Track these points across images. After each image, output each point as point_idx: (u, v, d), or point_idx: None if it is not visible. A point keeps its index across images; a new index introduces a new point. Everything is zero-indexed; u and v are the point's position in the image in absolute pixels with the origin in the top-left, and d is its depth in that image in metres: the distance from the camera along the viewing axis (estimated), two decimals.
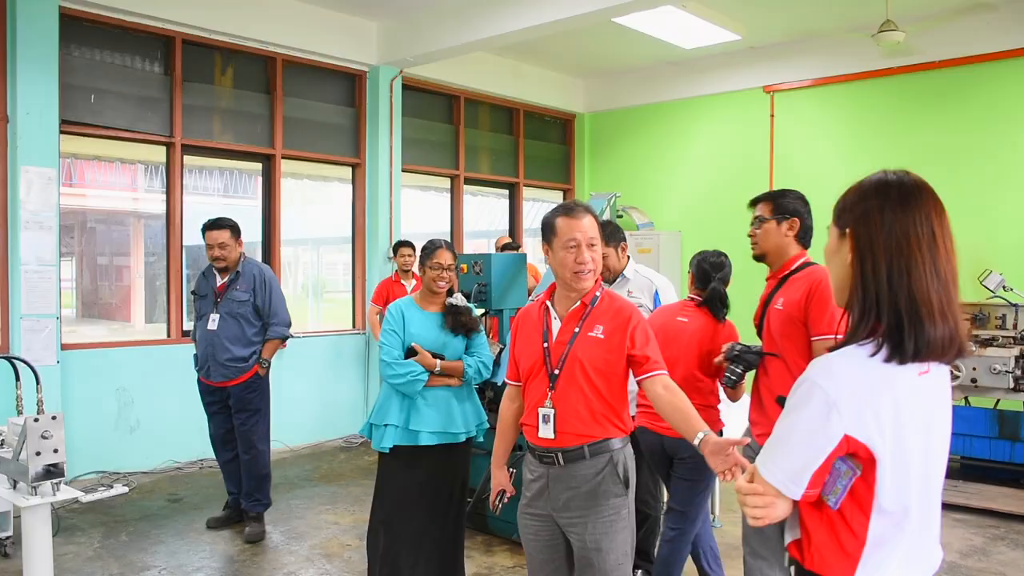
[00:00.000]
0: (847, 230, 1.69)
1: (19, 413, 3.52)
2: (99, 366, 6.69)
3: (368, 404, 8.42)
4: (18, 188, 6.08)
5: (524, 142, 10.55)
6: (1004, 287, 6.53)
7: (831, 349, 1.67)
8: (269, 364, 5.50)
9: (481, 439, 4.21)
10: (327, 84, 8.50)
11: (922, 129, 8.28)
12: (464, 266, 5.46)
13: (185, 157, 7.38)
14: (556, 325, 2.95)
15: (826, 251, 1.79)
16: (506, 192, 10.64)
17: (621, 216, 8.90)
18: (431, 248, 4.04)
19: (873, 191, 1.72)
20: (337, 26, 8.17)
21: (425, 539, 4.02)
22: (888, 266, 1.61)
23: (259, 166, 8.07)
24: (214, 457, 5.80)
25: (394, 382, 3.89)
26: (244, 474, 5.51)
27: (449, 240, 9.66)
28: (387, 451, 3.95)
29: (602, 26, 8.16)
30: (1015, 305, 6.46)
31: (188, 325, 7.39)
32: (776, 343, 3.26)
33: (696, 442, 2.63)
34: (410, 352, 3.94)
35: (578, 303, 2.91)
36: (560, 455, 2.85)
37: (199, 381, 5.54)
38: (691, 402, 2.81)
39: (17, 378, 3.48)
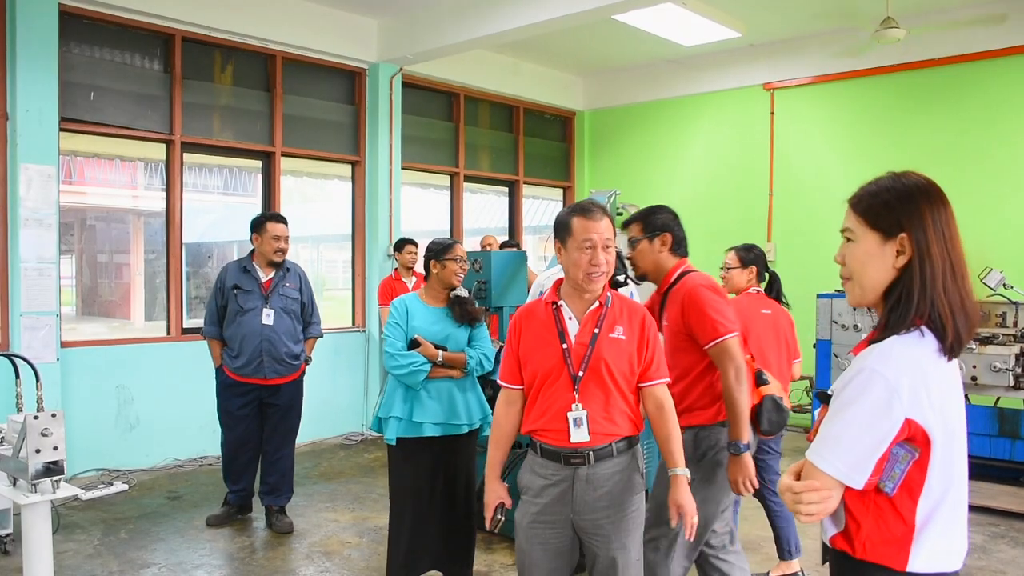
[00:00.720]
0: (900, 234, 1.71)
1: (19, 410, 3.52)
2: (99, 364, 6.69)
3: (368, 402, 8.42)
4: (18, 186, 6.07)
5: (524, 139, 10.55)
6: (1004, 285, 6.52)
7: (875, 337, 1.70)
8: (311, 361, 5.64)
9: (487, 432, 4.23)
10: (327, 81, 8.50)
11: (922, 127, 8.28)
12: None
13: (185, 155, 7.37)
14: (572, 326, 2.86)
15: (856, 255, 1.79)
16: (506, 190, 10.64)
17: (621, 214, 8.89)
18: (449, 244, 4.16)
19: (919, 194, 1.75)
20: (337, 24, 8.16)
21: (435, 530, 4.06)
22: (943, 269, 1.68)
23: (259, 164, 8.06)
24: (217, 455, 5.78)
25: (397, 373, 3.97)
26: (272, 472, 5.49)
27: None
28: (393, 443, 3.99)
29: (602, 23, 8.15)
30: (1015, 303, 6.46)
31: (188, 323, 7.38)
32: (673, 359, 3.29)
33: (669, 474, 2.83)
34: (413, 344, 4.00)
35: (596, 304, 2.87)
36: (591, 454, 2.79)
37: (229, 380, 5.38)
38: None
39: (17, 376, 3.47)
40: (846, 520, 1.73)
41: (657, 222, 3.47)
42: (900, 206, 1.73)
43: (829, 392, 1.78)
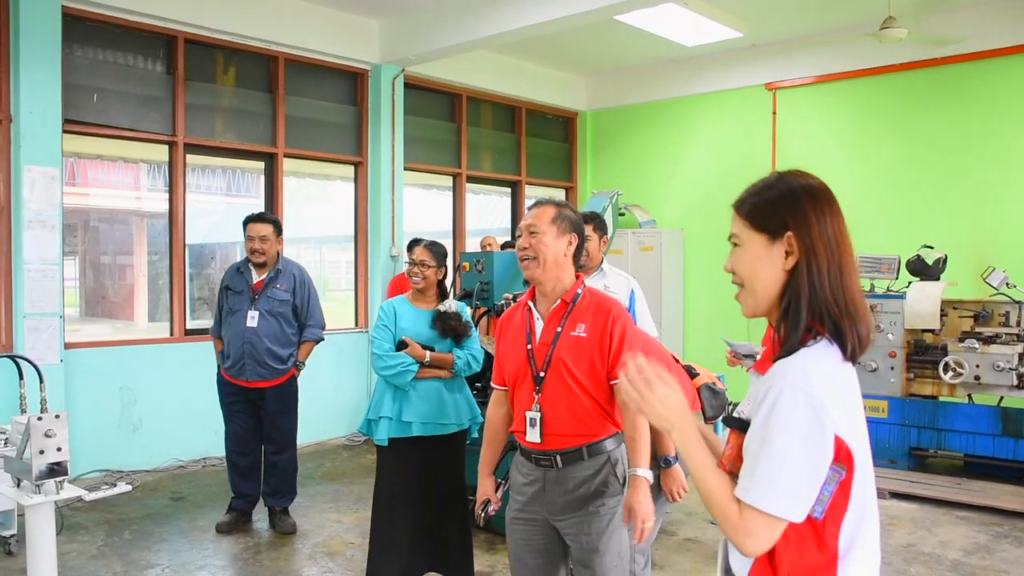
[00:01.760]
0: (787, 233, 1.62)
1: (23, 412, 3.52)
2: (102, 365, 6.70)
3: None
4: (21, 187, 6.09)
5: (526, 140, 10.55)
6: (1008, 284, 6.52)
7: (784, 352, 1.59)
8: (304, 366, 5.51)
9: (476, 435, 4.24)
10: (329, 83, 8.51)
11: (925, 126, 8.27)
12: (466, 264, 5.48)
13: (188, 156, 7.38)
14: (539, 326, 2.87)
15: (745, 260, 1.69)
16: (508, 190, 10.64)
17: (623, 214, 8.91)
18: (411, 245, 4.21)
19: (802, 192, 1.66)
20: (339, 25, 8.17)
21: (422, 531, 4.07)
22: (829, 268, 1.59)
23: (261, 165, 8.07)
24: (221, 456, 5.79)
25: (385, 374, 4.01)
26: (273, 474, 5.48)
27: (452, 241, 9.72)
28: (385, 443, 4.01)
29: (604, 24, 8.15)
30: (1018, 302, 6.45)
31: (192, 324, 7.40)
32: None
33: (629, 474, 2.81)
34: (401, 345, 4.04)
35: (559, 301, 2.84)
36: (558, 457, 2.78)
37: (222, 379, 5.42)
38: None
39: (20, 377, 3.48)
40: (762, 557, 1.56)
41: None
42: (784, 205, 1.65)
43: (736, 415, 1.65)
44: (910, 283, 6.76)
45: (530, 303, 2.92)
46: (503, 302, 5.02)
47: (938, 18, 7.84)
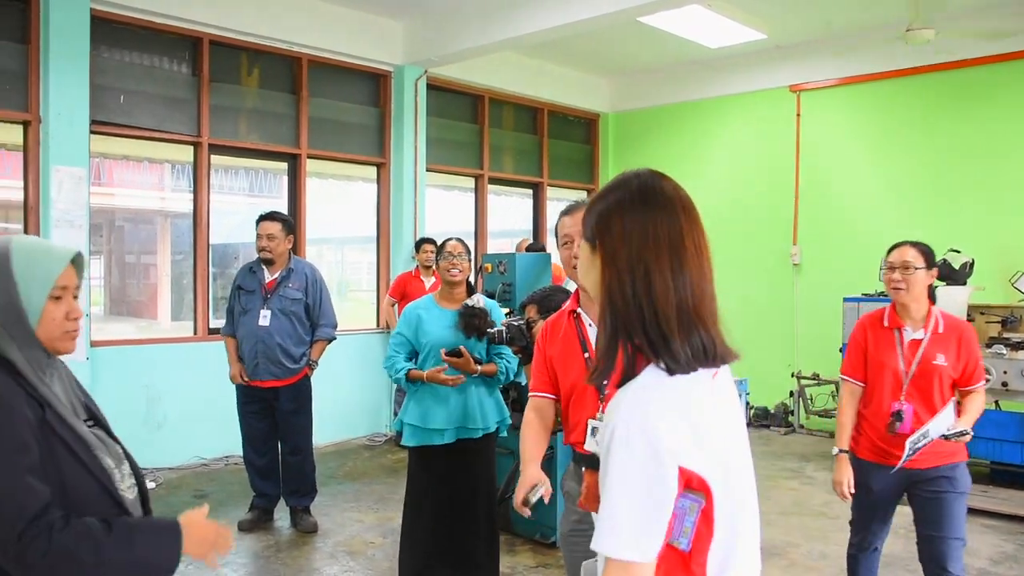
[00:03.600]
0: (596, 241, 1.50)
1: None
2: (127, 363, 6.76)
3: (392, 402, 8.45)
4: (49, 188, 6.16)
5: (548, 142, 10.54)
6: None
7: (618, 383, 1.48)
8: (317, 365, 5.52)
9: (504, 434, 4.24)
10: (352, 84, 8.54)
11: (952, 128, 8.17)
12: (488, 266, 5.47)
13: (212, 157, 7.44)
14: (592, 332, 2.74)
15: (581, 266, 1.59)
16: (530, 192, 10.64)
17: None
18: (443, 242, 4.18)
19: (613, 194, 1.53)
20: (362, 26, 8.20)
21: (448, 531, 4.05)
22: (634, 275, 1.45)
23: (284, 166, 8.12)
24: (240, 455, 5.82)
25: (391, 376, 4.11)
26: (291, 474, 5.50)
27: (474, 242, 9.72)
28: (412, 447, 4.02)
29: (627, 25, 8.13)
30: None
31: (215, 323, 7.45)
32: None
33: None
34: (455, 354, 3.95)
35: None
36: None
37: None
38: None
39: None
40: None
41: (551, 303, 3.71)
42: (595, 210, 1.53)
43: (593, 450, 1.55)
44: (936, 287, 6.68)
45: (578, 309, 2.82)
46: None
47: (966, 19, 7.75)
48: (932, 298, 3.72)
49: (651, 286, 1.44)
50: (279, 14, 7.58)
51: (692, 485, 1.41)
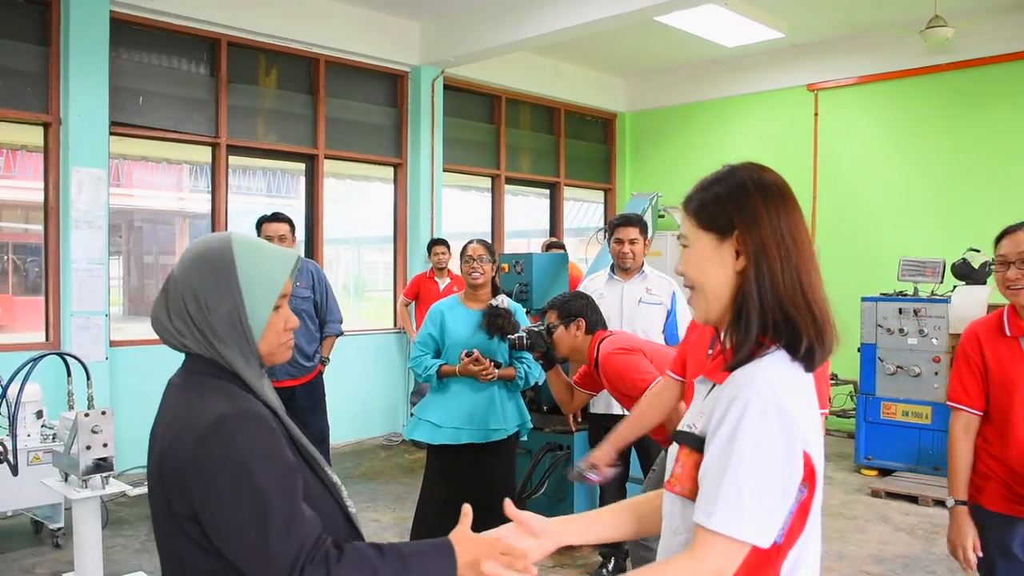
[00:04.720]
0: (735, 232, 1.48)
1: (70, 408, 3.60)
2: (145, 362, 6.79)
3: (407, 403, 8.47)
4: (69, 189, 6.21)
5: (565, 142, 10.54)
6: None
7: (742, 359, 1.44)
8: (329, 361, 5.57)
9: (525, 437, 4.24)
10: (369, 85, 8.57)
11: (971, 127, 8.10)
12: (505, 266, 5.47)
13: (230, 157, 7.49)
14: None
15: (693, 260, 1.54)
16: (547, 192, 10.64)
17: (663, 216, 8.86)
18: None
19: (752, 186, 1.52)
20: (379, 27, 8.23)
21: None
22: (783, 270, 1.44)
23: (302, 166, 8.16)
24: None
25: (418, 375, 4.14)
26: None
27: (491, 242, 9.72)
28: (433, 444, 4.03)
29: (643, 25, 8.10)
30: None
31: None
32: None
33: None
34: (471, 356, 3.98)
35: None
36: None
37: None
38: None
39: (68, 374, 3.55)
40: None
41: (571, 309, 3.67)
42: (731, 200, 1.52)
43: (687, 429, 1.50)
44: (955, 287, 6.63)
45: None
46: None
47: (985, 18, 7.68)
48: None
49: (801, 280, 1.45)
50: (296, 15, 7.61)
51: (805, 474, 1.37)
